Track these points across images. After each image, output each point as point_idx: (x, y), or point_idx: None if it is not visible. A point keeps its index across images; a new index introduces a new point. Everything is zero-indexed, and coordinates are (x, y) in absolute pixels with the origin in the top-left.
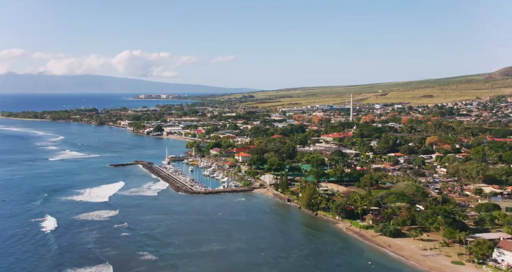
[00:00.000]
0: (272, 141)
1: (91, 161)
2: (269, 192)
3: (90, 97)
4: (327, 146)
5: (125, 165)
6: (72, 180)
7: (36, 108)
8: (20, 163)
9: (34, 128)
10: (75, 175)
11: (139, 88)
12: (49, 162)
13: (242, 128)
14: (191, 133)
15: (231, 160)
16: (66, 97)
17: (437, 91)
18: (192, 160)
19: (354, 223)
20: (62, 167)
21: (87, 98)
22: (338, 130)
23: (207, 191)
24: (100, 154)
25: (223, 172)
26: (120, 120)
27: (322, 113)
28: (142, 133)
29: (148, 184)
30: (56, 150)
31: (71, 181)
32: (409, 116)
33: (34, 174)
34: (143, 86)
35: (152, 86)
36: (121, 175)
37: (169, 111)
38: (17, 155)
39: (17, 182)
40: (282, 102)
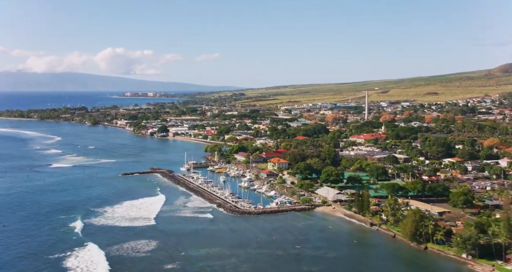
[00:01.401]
0: (302, 144)
1: (99, 168)
2: (337, 212)
3: (73, 95)
4: (369, 150)
5: (140, 173)
6: (85, 195)
7: (18, 106)
8: (15, 172)
9: (22, 128)
10: (87, 188)
11: (122, 86)
12: (50, 170)
13: (254, 128)
14: (202, 134)
15: (264, 167)
16: (47, 95)
17: (440, 88)
18: (219, 167)
19: (498, 267)
20: (68, 177)
21: (71, 96)
22: (366, 131)
23: (259, 210)
24: (107, 159)
25: (263, 183)
26: (115, 119)
27: (331, 112)
28: (145, 134)
29: (180, 199)
30: (55, 155)
31: (84, 195)
32: (423, 114)
33: (36, 188)
34: (126, 84)
35: (136, 84)
36: (142, 187)
37: (164, 110)
38: (10, 161)
39: (17, 199)
40: (280, 100)
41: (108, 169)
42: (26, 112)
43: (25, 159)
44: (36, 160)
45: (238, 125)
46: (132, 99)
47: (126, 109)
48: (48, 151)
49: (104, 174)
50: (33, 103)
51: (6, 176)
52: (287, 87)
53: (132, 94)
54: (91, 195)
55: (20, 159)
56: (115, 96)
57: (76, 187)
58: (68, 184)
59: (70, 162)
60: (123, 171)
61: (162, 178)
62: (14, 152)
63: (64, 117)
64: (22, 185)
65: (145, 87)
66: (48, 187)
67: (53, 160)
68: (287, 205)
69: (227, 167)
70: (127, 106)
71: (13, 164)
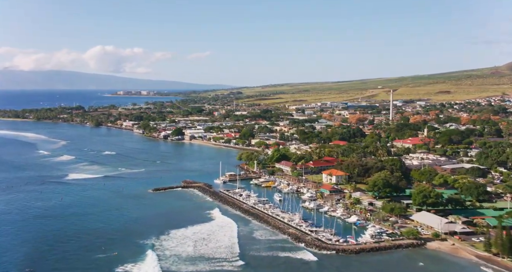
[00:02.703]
0: (351, 151)
1: (122, 180)
2: (461, 252)
3: (63, 93)
4: (435, 158)
5: (174, 188)
6: (118, 220)
7: (8, 105)
8: (25, 187)
9: (20, 130)
10: (117, 211)
11: (112, 85)
12: (66, 184)
13: (276, 130)
14: (224, 138)
15: (317, 180)
16: (36, 93)
17: (451, 86)
18: (265, 181)
19: None
20: (88, 194)
21: (61, 94)
22: (409, 134)
23: (355, 247)
24: (128, 168)
25: (331, 203)
26: (119, 120)
27: (347, 112)
28: (157, 137)
29: (240, 227)
30: (67, 163)
31: (117, 221)
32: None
33: (54, 210)
34: (116, 83)
35: (125, 83)
36: (185, 208)
37: (165, 109)
38: (16, 172)
39: (34, 228)
40: (284, 98)
41: (133, 181)
42: (20, 112)
43: (33, 168)
44: (46, 170)
45: (258, 127)
46: (125, 97)
47: (126, 109)
48: (58, 158)
49: (131, 189)
50: (24, 102)
51: (14, 192)
52: (283, 86)
53: (125, 93)
54: (126, 220)
55: (27, 168)
56: (107, 94)
57: (103, 209)
58: (92, 205)
59: (87, 173)
60: (153, 185)
61: (202, 195)
62: (19, 160)
63: (62, 117)
64: (35, 207)
65: (136, 85)
66: (68, 209)
67: (66, 170)
68: (385, 237)
69: (275, 180)
70: (126, 105)
71: (21, 175)
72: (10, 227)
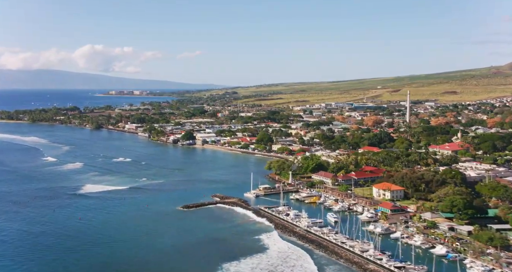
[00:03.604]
0: (390, 159)
1: (144, 194)
2: None
3: (52, 93)
4: (491, 168)
5: (206, 205)
6: (152, 250)
7: None
8: (32, 202)
9: (17, 133)
10: (146, 236)
11: (101, 84)
12: (80, 200)
13: (293, 134)
14: (241, 143)
15: (364, 194)
16: (24, 93)
17: (456, 86)
18: (309, 195)
19: None
20: (109, 212)
21: (52, 94)
22: (443, 140)
23: None
24: (147, 179)
25: (397, 225)
26: (120, 122)
27: (357, 113)
28: (166, 142)
29: (301, 260)
30: (76, 172)
31: (151, 250)
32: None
33: (74, 235)
34: (106, 82)
35: (115, 82)
36: (227, 232)
37: (163, 110)
38: (22, 183)
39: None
40: (284, 99)
41: (156, 195)
42: (14, 113)
43: (41, 178)
44: (56, 180)
45: (273, 131)
46: (118, 97)
47: (123, 110)
48: (66, 166)
49: (157, 206)
50: (14, 102)
51: (21, 211)
52: (278, 86)
53: (117, 93)
54: (162, 249)
55: (35, 178)
56: (98, 94)
57: (131, 233)
58: (116, 227)
59: (102, 184)
60: (180, 201)
61: (242, 214)
62: (25, 168)
63: (59, 119)
64: (49, 231)
65: (126, 85)
66: (89, 234)
67: (78, 181)
68: None
69: (319, 195)
70: (122, 106)
71: (28, 187)
72: (16, 260)
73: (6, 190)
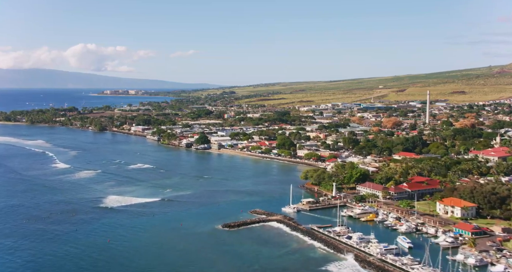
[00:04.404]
0: (441, 168)
1: (174, 209)
2: None
3: (44, 92)
4: None
5: (248, 224)
6: None
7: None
8: (50, 218)
9: (18, 136)
10: (197, 265)
11: (94, 83)
12: (102, 214)
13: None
14: (262, 147)
15: (429, 211)
16: (16, 93)
17: (464, 86)
18: (363, 212)
19: None
20: (140, 231)
21: (43, 93)
22: (483, 144)
23: None
24: (172, 190)
25: (496, 256)
26: (125, 124)
27: (370, 115)
28: (178, 146)
29: None
30: (91, 181)
31: None
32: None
33: (99, 263)
34: (98, 81)
35: (108, 81)
36: (287, 260)
37: (164, 111)
38: (33, 195)
39: None
40: (288, 99)
41: (188, 210)
42: (11, 114)
43: (55, 189)
44: (72, 191)
45: (290, 134)
46: (113, 97)
47: (123, 110)
48: (79, 175)
49: (193, 224)
50: (7, 102)
51: (40, 228)
52: (275, 85)
53: (112, 92)
54: None
55: (47, 189)
56: (92, 94)
57: (170, 263)
58: (151, 254)
59: (125, 195)
60: (214, 216)
61: (294, 237)
62: (34, 176)
63: (60, 121)
64: (76, 254)
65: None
66: (124, 263)
67: (97, 192)
68: None
69: (375, 211)
70: (121, 106)
71: (42, 200)
72: None
73: (19, 203)
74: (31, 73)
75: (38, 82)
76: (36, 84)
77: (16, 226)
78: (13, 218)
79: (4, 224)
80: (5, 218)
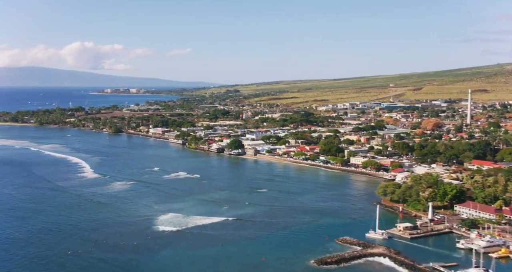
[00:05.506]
0: None
1: (244, 237)
2: None
3: (43, 91)
4: None
5: (346, 259)
6: None
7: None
8: (94, 252)
9: (29, 139)
10: None
11: (91, 81)
12: (162, 243)
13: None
14: (307, 154)
15: None
16: (12, 91)
17: (484, 84)
18: (491, 245)
19: None
20: None
21: (40, 92)
22: None
23: None
24: (228, 207)
25: None
26: (141, 126)
27: (400, 115)
28: (208, 151)
29: None
30: (130, 194)
31: None
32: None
33: None
34: (95, 80)
35: (105, 80)
36: None
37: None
38: (76, 214)
39: None
40: (300, 98)
41: (264, 238)
42: (19, 115)
43: (97, 206)
44: (112, 209)
45: (327, 137)
46: (114, 96)
47: (131, 110)
48: (113, 186)
49: (277, 261)
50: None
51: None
52: (279, 83)
53: (113, 91)
54: None
55: (91, 206)
56: (92, 92)
57: None
58: None
59: (177, 212)
60: (295, 247)
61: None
62: (67, 188)
63: (70, 122)
64: None
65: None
66: None
67: (142, 208)
68: None
69: (503, 243)
70: (128, 105)
71: (88, 219)
72: None
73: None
74: (27, 72)
75: (34, 80)
76: (32, 83)
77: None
78: (70, 242)
79: (58, 249)
80: (59, 241)
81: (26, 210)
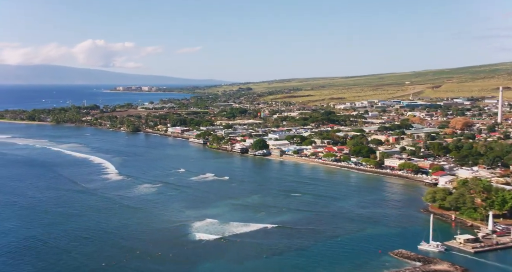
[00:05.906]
0: None
1: (286, 250)
2: None
3: (56, 89)
4: None
5: None
6: None
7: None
8: (130, 263)
9: (47, 137)
10: None
11: (102, 79)
12: (198, 256)
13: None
14: (337, 155)
15: None
16: (25, 89)
17: (507, 82)
18: None
19: None
20: None
21: (52, 90)
22: None
23: None
24: (263, 214)
25: None
26: (159, 124)
27: (425, 113)
28: (231, 151)
29: None
30: (158, 198)
31: None
32: None
33: None
34: (106, 77)
35: (116, 77)
36: None
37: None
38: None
39: None
40: (316, 96)
41: (305, 248)
42: (35, 113)
43: (129, 211)
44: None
45: (353, 136)
46: (126, 93)
47: (146, 108)
48: (139, 189)
49: None
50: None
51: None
52: (291, 81)
53: (124, 89)
54: None
55: (123, 211)
56: (104, 90)
57: None
58: None
59: (208, 219)
60: (355, 264)
61: None
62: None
63: (87, 120)
64: None
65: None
66: None
67: (173, 214)
68: None
69: None
70: (143, 103)
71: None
72: None
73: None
74: (39, 69)
75: (46, 78)
76: (43, 80)
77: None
78: (104, 251)
79: (93, 259)
80: (95, 251)
81: (57, 214)
